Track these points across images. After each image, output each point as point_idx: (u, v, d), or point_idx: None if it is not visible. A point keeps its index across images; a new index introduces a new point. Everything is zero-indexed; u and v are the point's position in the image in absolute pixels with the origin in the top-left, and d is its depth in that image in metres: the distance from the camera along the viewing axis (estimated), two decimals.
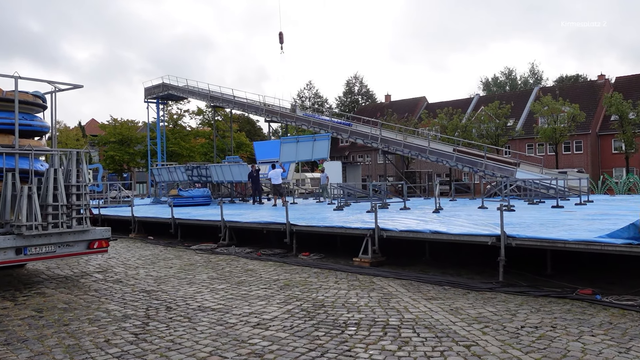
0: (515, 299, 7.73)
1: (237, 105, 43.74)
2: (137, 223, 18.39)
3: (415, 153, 32.62)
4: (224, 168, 25.45)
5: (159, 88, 50.36)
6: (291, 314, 7.04)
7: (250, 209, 20.20)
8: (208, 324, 6.67)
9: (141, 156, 58.19)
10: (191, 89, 47.69)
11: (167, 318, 7.01)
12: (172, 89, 49.14)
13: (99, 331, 6.49)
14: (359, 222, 12.26)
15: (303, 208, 19.75)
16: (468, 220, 11.88)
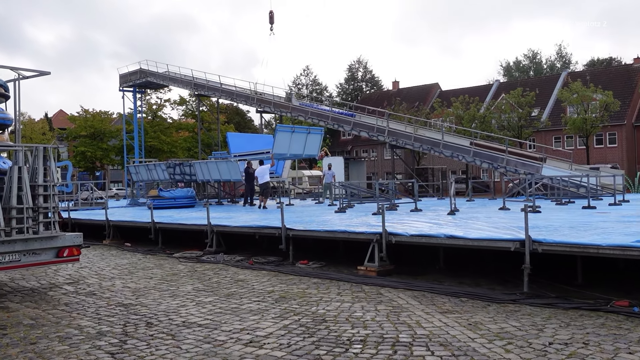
0: (542, 312, 7.74)
1: (225, 94, 43.78)
2: (112, 228, 18.40)
3: (428, 147, 32.65)
4: (210, 165, 25.46)
5: (136, 75, 50.37)
6: (288, 330, 7.05)
7: (240, 211, 20.21)
8: (194, 342, 6.68)
9: (116, 152, 58.21)
10: (172, 75, 47.72)
11: (147, 335, 7.02)
12: (150, 75, 49.16)
13: (70, 351, 6.49)
14: (364, 225, 12.27)
15: (300, 210, 19.75)
16: (488, 223, 11.89)
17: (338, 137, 73.77)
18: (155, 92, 59.32)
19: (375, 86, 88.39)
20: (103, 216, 18.93)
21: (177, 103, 61.80)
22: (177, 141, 60.34)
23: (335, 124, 37.22)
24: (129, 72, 51.19)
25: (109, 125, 59.87)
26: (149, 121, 59.16)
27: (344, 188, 21.94)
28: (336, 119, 37.41)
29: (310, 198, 30.41)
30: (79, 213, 22.76)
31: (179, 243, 16.80)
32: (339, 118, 37.50)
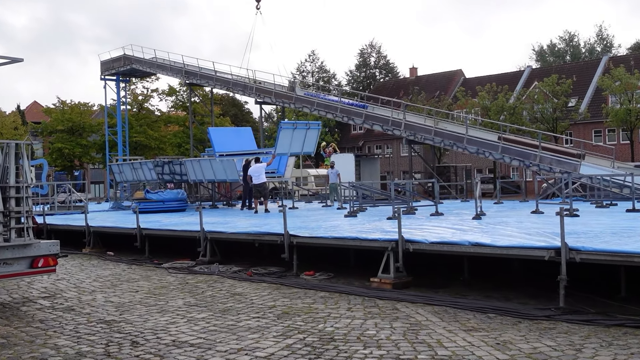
0: (580, 330, 7.71)
1: (220, 83, 43.90)
2: (93, 235, 18.48)
3: (450, 143, 32.62)
4: (203, 164, 25.53)
5: (120, 61, 50.59)
6: (292, 351, 7.06)
7: (237, 215, 20.25)
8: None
9: (97, 149, 58.52)
10: (161, 62, 47.90)
11: (132, 356, 7.04)
12: (136, 62, 49.36)
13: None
14: (377, 231, 12.27)
15: (306, 214, 19.76)
16: (519, 228, 11.87)
17: (348, 132, 73.84)
18: (142, 81, 59.59)
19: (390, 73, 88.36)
20: (82, 221, 19.02)
21: (165, 93, 62.05)
22: (166, 136, 60.58)
23: (345, 116, 37.23)
24: (112, 58, 51.41)
25: (89, 119, 60.18)
26: (134, 114, 59.41)
27: (355, 189, 21.93)
28: (346, 110, 37.43)
29: (317, 200, 30.42)
30: (56, 218, 22.86)
31: (169, 252, 16.85)
32: (348, 110, 37.52)
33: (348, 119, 37.46)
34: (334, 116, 38.07)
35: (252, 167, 21.81)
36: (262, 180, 21.78)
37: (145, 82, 60.22)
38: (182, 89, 60.77)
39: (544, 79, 47.42)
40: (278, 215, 18.63)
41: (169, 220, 19.17)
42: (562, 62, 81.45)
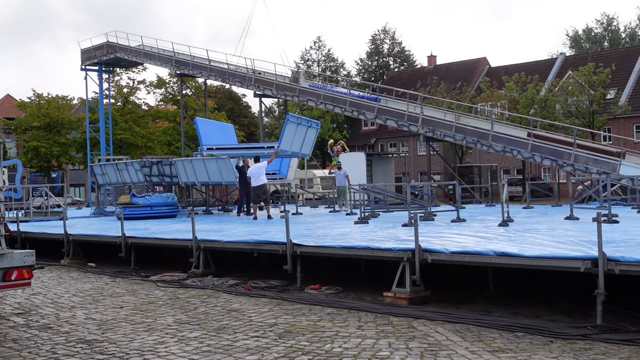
0: (620, 351, 7.69)
1: (214, 73, 43.98)
2: (73, 244, 18.54)
3: (473, 140, 32.58)
4: (196, 164, 25.57)
5: (102, 50, 50.73)
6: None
7: (234, 222, 20.28)
8: None
9: (77, 148, 58.69)
10: (148, 50, 48.02)
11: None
12: (120, 50, 49.51)
13: None
14: (391, 240, 12.28)
15: (311, 220, 19.76)
16: (550, 236, 11.84)
17: (358, 128, 73.89)
18: (127, 71, 59.70)
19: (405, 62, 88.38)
20: (61, 229, 19.07)
21: (154, 85, 62.13)
22: (155, 133, 60.63)
23: (355, 110, 37.24)
24: (93, 46, 51.52)
25: (68, 114, 60.37)
26: (118, 108, 59.52)
27: (366, 192, 21.92)
28: (356, 104, 37.42)
29: (324, 205, 30.44)
30: (31, 225, 22.94)
31: (157, 263, 16.88)
32: (359, 103, 37.52)
33: (358, 114, 37.45)
34: (343, 110, 38.08)
35: (251, 167, 21.74)
36: (263, 182, 21.71)
37: (131, 72, 60.29)
38: (172, 81, 60.85)
39: (578, 68, 47.27)
40: (280, 221, 18.57)
41: (157, 227, 19.21)
42: (600, 48, 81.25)
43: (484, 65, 70.61)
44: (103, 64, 52.15)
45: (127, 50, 49.14)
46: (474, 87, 63.65)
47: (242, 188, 23.89)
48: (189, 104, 58.35)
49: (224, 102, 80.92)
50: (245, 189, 23.68)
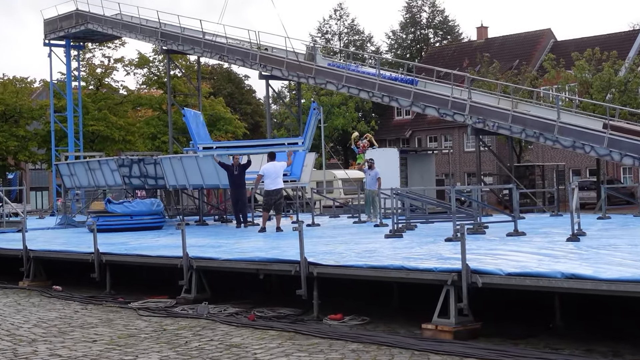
0: None
1: (210, 49, 44.01)
2: (34, 262, 18.55)
3: (535, 133, 32.38)
4: (187, 163, 25.61)
5: (70, 20, 50.92)
6: None
7: (234, 235, 20.26)
8: None
9: (39, 142, 58.97)
10: (127, 21, 48.17)
11: None
12: (93, 21, 49.68)
13: None
14: (432, 258, 12.23)
15: (331, 234, 19.70)
16: (633, 254, 11.74)
17: (390, 117, 73.82)
18: (101, 47, 59.99)
19: (449, 35, 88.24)
20: (19, 243, 19.08)
21: (134, 65, 62.41)
22: (136, 124, 60.91)
23: (386, 95, 37.14)
24: (59, 15, 51.65)
25: (27, 100, 60.70)
26: (90, 93, 59.83)
27: (400, 198, 21.85)
28: (387, 87, 37.32)
29: (346, 214, 30.36)
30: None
31: (139, 286, 16.89)
32: (390, 87, 37.41)
33: (390, 100, 37.34)
34: (370, 96, 37.98)
35: (266, 166, 21.64)
36: (280, 186, 21.70)
37: (106, 48, 60.57)
38: (158, 59, 61.08)
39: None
40: (292, 235, 18.60)
41: (139, 242, 19.22)
42: None
43: (548, 38, 70.29)
44: (71, 38, 52.28)
45: (101, 21, 49.27)
46: (536, 66, 63.36)
47: (234, 192, 23.83)
48: (178, 88, 58.59)
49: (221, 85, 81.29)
50: (238, 193, 23.62)
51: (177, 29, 45.27)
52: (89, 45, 57.82)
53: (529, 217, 24.39)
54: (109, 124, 57.64)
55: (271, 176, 21.35)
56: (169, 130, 48.00)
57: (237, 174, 23.40)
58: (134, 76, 65.57)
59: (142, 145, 58.67)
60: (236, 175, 23.42)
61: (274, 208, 21.79)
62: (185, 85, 58.61)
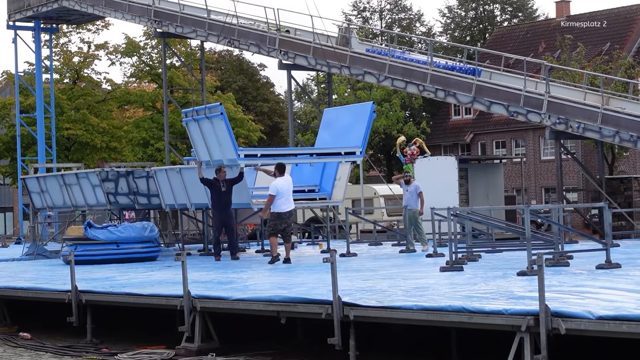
0: None
1: (216, 32, 44.12)
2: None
3: (631, 137, 32.17)
4: (187, 176, 25.70)
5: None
6: None
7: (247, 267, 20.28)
8: None
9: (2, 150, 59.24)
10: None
11: None
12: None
13: None
14: (501, 298, 12.20)
15: (371, 266, 19.69)
16: None
17: (445, 117, 73.63)
18: (79, 30, 60.39)
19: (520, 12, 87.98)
20: None
21: (121, 52, 62.69)
22: (123, 128, 61.15)
23: (440, 89, 37.06)
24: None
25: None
26: (66, 88, 60.19)
27: (460, 221, 21.80)
28: (441, 79, 37.24)
29: (391, 241, 30.31)
30: None
31: (127, 333, 16.95)
32: (446, 78, 37.33)
33: (445, 95, 37.26)
34: (420, 90, 37.89)
35: (277, 182, 21.72)
36: (292, 207, 21.92)
37: (86, 32, 60.97)
38: (150, 44, 61.40)
39: None
40: (321, 268, 18.56)
41: (127, 276, 19.29)
42: None
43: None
44: (42, 19, 52.52)
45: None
46: (632, 51, 63.00)
47: (218, 214, 23.97)
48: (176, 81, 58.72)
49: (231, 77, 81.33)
50: (224, 215, 23.67)
51: (174, 6, 45.29)
52: (63, 28, 58.15)
53: (625, 245, 24.24)
54: (89, 127, 57.88)
55: (284, 195, 21.54)
56: (165, 135, 47.82)
57: (224, 190, 23.42)
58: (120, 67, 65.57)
59: (131, 154, 58.85)
60: (223, 192, 23.46)
61: (281, 235, 21.94)
62: (185, 78, 58.69)
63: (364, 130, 24.52)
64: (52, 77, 55.88)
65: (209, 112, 24.48)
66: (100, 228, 25.07)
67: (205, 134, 24.66)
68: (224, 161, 23.89)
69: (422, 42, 77.38)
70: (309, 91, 74.47)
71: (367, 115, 24.66)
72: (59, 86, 58.43)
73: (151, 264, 23.19)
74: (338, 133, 26.61)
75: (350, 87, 66.73)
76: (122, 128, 60.91)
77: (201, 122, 24.75)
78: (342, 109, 33.39)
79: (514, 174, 61.26)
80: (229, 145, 23.94)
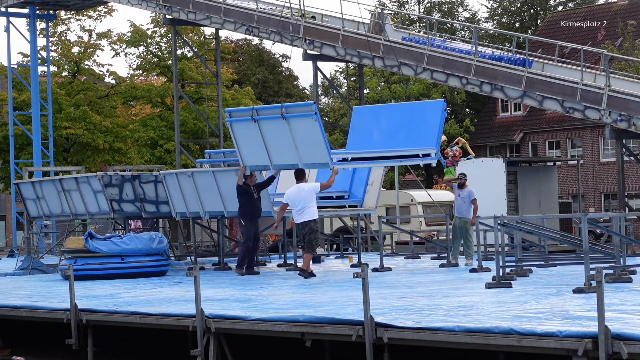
0: None
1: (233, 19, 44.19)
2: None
3: None
4: (200, 180, 25.78)
5: None
6: None
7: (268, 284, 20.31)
8: None
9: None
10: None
11: None
12: None
13: None
14: (554, 318, 12.16)
15: (408, 282, 19.69)
16: None
17: (491, 114, 73.51)
18: (79, 16, 60.64)
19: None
20: None
21: (126, 42, 62.88)
22: (128, 126, 61.30)
23: (486, 82, 37.04)
24: None
25: None
26: (65, 82, 60.39)
27: (508, 231, 21.76)
28: (487, 71, 37.23)
29: (430, 254, 30.30)
30: None
31: (133, 356, 17.01)
32: (493, 70, 37.31)
33: (492, 89, 37.23)
34: (464, 83, 37.87)
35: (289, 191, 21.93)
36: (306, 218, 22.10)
37: (87, 18, 61.22)
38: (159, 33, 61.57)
39: None
40: (351, 284, 18.56)
41: (133, 293, 19.36)
42: None
43: None
44: (37, 4, 52.60)
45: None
46: None
47: (251, 223, 24.12)
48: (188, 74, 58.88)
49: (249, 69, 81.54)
50: (255, 225, 23.81)
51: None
52: (61, 14, 58.38)
53: None
54: (90, 125, 57.99)
55: (294, 205, 21.92)
56: (175, 135, 47.60)
57: (256, 197, 23.66)
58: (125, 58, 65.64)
59: (138, 156, 58.96)
60: (256, 199, 23.75)
61: (303, 243, 22.23)
62: (198, 71, 58.82)
63: (437, 130, 24.45)
64: (49, 70, 55.87)
65: (294, 111, 24.42)
66: (103, 239, 25.15)
67: (269, 135, 24.44)
68: (299, 165, 23.62)
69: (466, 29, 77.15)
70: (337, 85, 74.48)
71: (438, 114, 24.63)
72: (56, 80, 58.63)
73: (160, 280, 23.27)
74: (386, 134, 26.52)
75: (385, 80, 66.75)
76: (128, 127, 61.02)
77: (265, 122, 24.61)
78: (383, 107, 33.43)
79: (569, 178, 61.22)
80: (320, 148, 23.75)
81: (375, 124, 26.44)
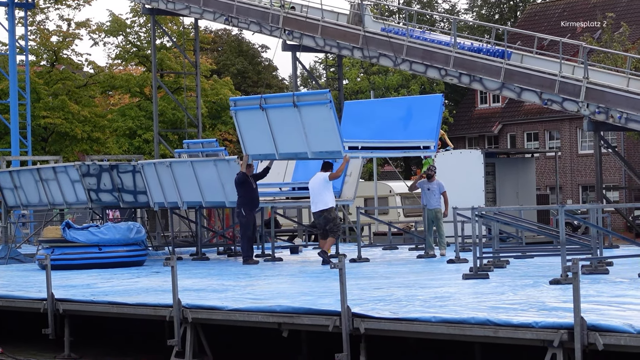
0: None
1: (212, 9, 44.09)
2: None
3: None
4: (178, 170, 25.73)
5: None
6: None
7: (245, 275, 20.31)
8: None
9: None
10: None
11: None
12: None
13: None
14: (530, 309, 12.21)
15: (385, 272, 19.71)
16: None
17: (470, 106, 73.59)
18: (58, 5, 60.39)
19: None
20: None
21: (105, 31, 62.71)
22: (107, 116, 61.12)
23: (464, 74, 37.05)
24: None
25: None
26: (43, 72, 60.15)
27: (485, 222, 21.80)
28: (466, 63, 37.24)
29: (407, 245, 30.32)
30: None
31: (111, 346, 16.98)
32: (472, 62, 37.34)
33: (471, 80, 37.25)
34: (442, 74, 37.88)
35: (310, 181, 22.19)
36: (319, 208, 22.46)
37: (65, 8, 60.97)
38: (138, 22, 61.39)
39: None
40: (329, 274, 18.59)
41: (110, 283, 19.31)
42: None
43: None
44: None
45: None
46: None
47: (251, 212, 24.18)
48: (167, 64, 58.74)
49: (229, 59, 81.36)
50: (253, 216, 23.89)
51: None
52: (40, 3, 58.12)
53: None
54: (69, 115, 57.80)
55: (311, 195, 22.44)
56: (154, 125, 47.56)
57: (254, 187, 23.71)
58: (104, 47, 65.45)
59: (116, 146, 58.83)
60: (254, 189, 23.80)
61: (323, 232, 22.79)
62: (177, 60, 58.69)
63: (435, 123, 24.54)
64: (28, 59, 55.60)
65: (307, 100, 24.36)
66: (81, 229, 25.07)
67: (277, 123, 24.29)
68: (308, 154, 23.62)
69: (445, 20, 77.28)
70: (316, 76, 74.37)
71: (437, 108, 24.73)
72: (35, 69, 58.40)
73: (137, 270, 23.23)
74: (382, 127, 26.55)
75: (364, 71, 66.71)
76: (106, 116, 60.85)
77: (274, 111, 24.48)
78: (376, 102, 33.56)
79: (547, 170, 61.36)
80: (334, 136, 23.56)
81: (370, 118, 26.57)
